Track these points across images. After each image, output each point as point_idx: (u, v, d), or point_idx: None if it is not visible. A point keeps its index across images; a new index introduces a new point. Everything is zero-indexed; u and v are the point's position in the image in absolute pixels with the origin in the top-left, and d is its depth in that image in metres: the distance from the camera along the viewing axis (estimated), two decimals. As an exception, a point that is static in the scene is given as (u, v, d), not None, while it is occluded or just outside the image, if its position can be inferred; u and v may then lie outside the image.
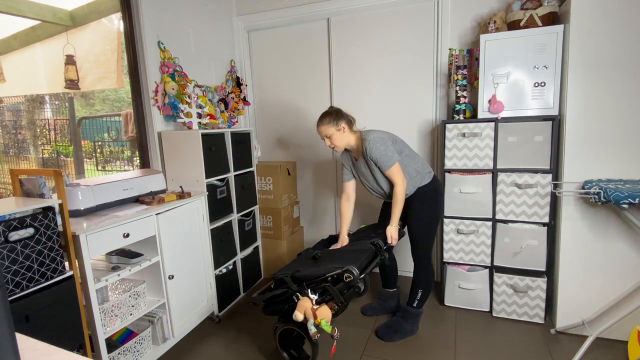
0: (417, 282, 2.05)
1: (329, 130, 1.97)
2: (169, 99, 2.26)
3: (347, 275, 1.59)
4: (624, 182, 1.77)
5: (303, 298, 1.62)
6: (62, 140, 2.18)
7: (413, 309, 2.06)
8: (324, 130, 1.99)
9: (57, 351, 0.69)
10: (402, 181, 1.91)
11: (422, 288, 2.04)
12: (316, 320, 1.54)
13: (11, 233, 1.20)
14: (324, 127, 1.98)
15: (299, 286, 1.68)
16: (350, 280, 1.58)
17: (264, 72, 3.10)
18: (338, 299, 1.62)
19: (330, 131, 1.97)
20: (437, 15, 2.48)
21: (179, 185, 2.26)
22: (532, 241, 2.09)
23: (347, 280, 1.59)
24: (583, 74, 1.85)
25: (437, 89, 2.56)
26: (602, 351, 1.87)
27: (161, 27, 2.28)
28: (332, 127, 1.97)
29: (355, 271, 1.58)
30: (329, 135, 1.98)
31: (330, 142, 2.00)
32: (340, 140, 1.99)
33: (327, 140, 2.01)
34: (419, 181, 2.00)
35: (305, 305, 1.59)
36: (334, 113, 2.00)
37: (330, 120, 1.98)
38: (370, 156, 1.92)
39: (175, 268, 1.97)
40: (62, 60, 2.04)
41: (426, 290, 2.04)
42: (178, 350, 2.03)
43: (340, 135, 1.99)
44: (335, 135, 1.98)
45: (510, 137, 2.08)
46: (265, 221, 2.89)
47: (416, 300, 2.04)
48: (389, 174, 1.91)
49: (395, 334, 2.05)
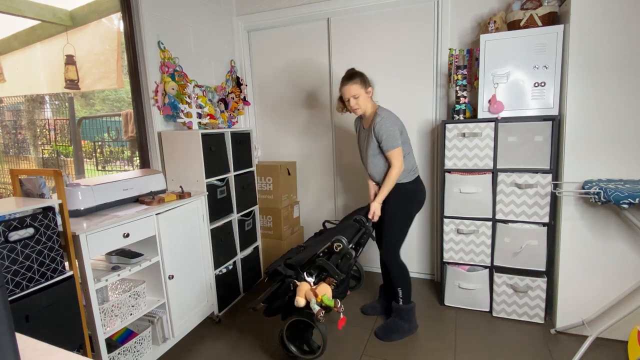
0: (395, 281, 2.05)
1: (360, 91, 1.93)
2: (169, 99, 2.26)
3: (336, 245, 1.60)
4: (624, 182, 1.77)
5: (300, 283, 1.62)
6: (62, 140, 2.18)
7: (402, 306, 2.06)
8: (353, 89, 1.93)
9: (57, 351, 0.69)
10: (400, 165, 1.92)
11: (400, 285, 2.04)
12: (317, 298, 1.53)
13: (11, 233, 1.20)
14: (355, 87, 1.93)
15: (294, 272, 1.68)
16: (341, 248, 1.59)
17: (264, 72, 3.10)
18: (334, 271, 1.62)
19: (360, 92, 1.93)
20: (437, 15, 2.48)
21: (179, 185, 2.26)
22: (532, 241, 2.09)
23: (337, 249, 1.60)
24: (583, 74, 1.85)
25: (437, 89, 2.56)
26: (602, 351, 1.87)
27: (161, 27, 2.28)
28: (362, 88, 1.94)
29: (344, 239, 1.60)
30: (357, 95, 1.93)
31: (355, 103, 1.95)
32: (365, 103, 1.96)
33: (352, 100, 1.95)
34: (404, 177, 2.00)
35: (304, 289, 1.59)
36: (364, 75, 1.96)
37: (361, 81, 1.94)
38: (377, 131, 1.90)
39: (175, 268, 1.97)
40: (62, 60, 2.03)
41: (405, 286, 2.04)
42: (178, 350, 2.03)
43: (366, 99, 1.96)
44: (362, 97, 1.94)
45: (510, 137, 2.08)
46: (265, 221, 2.89)
47: (400, 298, 2.05)
48: (390, 155, 1.91)
49: (394, 333, 2.05)
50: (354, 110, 1.99)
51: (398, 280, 2.04)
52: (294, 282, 1.64)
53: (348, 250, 1.60)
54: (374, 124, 1.91)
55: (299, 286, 1.61)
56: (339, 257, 1.62)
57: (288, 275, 1.68)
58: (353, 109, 1.99)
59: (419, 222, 2.77)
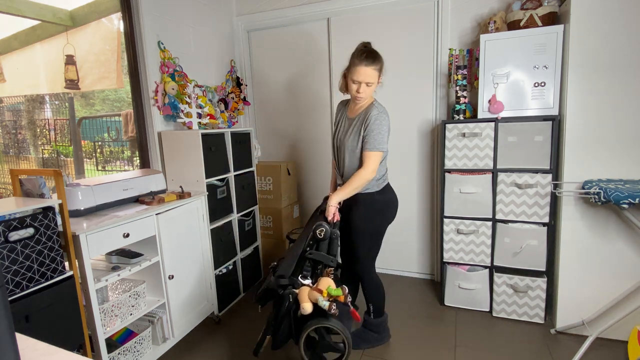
0: (366, 296, 1.93)
1: (375, 78, 1.67)
2: (169, 99, 2.26)
3: (319, 231, 1.51)
4: (624, 182, 1.76)
5: (299, 290, 1.49)
6: (62, 140, 2.18)
7: (372, 320, 1.96)
8: (371, 75, 1.65)
9: (57, 351, 0.69)
10: (373, 170, 1.68)
11: (372, 301, 1.92)
12: (323, 294, 1.44)
13: (11, 233, 1.20)
14: (374, 72, 1.65)
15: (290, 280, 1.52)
16: (325, 231, 1.51)
17: (264, 72, 3.09)
18: (327, 259, 1.53)
19: (375, 80, 1.68)
20: (437, 15, 2.48)
21: (179, 185, 2.26)
22: (532, 241, 2.09)
23: (322, 235, 1.51)
24: (583, 74, 1.85)
25: (437, 89, 2.56)
26: (602, 351, 1.87)
27: (161, 27, 2.28)
28: (377, 77, 1.68)
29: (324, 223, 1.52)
30: (371, 83, 1.67)
31: (364, 90, 1.69)
32: (371, 92, 1.71)
33: (363, 86, 1.68)
34: (373, 186, 1.78)
35: (305, 293, 1.47)
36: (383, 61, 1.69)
37: (381, 68, 1.68)
38: (370, 126, 1.67)
39: (175, 268, 1.96)
40: (62, 60, 2.03)
41: (377, 301, 1.93)
42: (178, 350, 2.03)
43: (373, 88, 1.70)
44: (374, 86, 1.69)
45: (510, 137, 2.08)
46: (265, 221, 2.89)
47: (372, 313, 1.95)
48: (369, 155, 1.67)
49: (364, 342, 1.98)
50: (358, 96, 1.71)
51: (371, 295, 1.91)
52: (292, 292, 1.49)
53: (332, 231, 1.51)
54: (369, 116, 1.68)
55: (298, 293, 1.48)
56: (325, 243, 1.53)
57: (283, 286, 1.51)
58: (358, 96, 1.70)
59: (419, 222, 2.77)
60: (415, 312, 2.33)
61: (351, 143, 1.76)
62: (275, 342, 1.57)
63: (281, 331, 1.55)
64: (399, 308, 2.38)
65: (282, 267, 1.56)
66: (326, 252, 1.55)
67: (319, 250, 1.56)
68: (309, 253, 1.55)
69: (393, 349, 1.98)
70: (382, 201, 1.81)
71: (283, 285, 1.51)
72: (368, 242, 1.83)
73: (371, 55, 1.67)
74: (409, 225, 2.80)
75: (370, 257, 1.87)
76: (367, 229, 1.80)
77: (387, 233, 2.28)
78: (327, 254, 1.55)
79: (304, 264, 1.59)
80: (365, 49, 1.70)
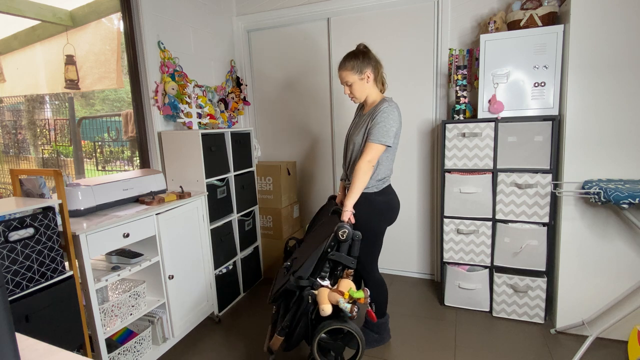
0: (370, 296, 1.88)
1: (351, 77, 1.69)
2: (169, 99, 2.26)
3: (341, 232, 1.48)
4: (624, 182, 1.76)
5: (318, 290, 1.47)
6: (62, 140, 2.17)
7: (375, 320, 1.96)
8: (344, 76, 1.71)
9: (57, 351, 0.69)
10: (368, 161, 1.66)
11: (375, 301, 1.91)
12: (344, 295, 1.41)
13: (11, 233, 1.20)
14: (345, 73, 1.70)
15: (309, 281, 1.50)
16: (347, 233, 1.48)
17: (264, 72, 3.09)
18: (347, 260, 1.50)
19: (352, 79, 1.69)
20: (437, 15, 2.48)
21: (179, 185, 2.26)
22: (532, 241, 2.09)
23: (343, 237, 1.48)
24: (583, 74, 1.85)
25: (437, 89, 2.56)
26: (602, 351, 1.87)
27: (161, 27, 2.28)
28: (355, 75, 1.69)
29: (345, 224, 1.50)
30: (349, 82, 1.70)
31: (348, 91, 1.74)
32: (361, 91, 1.73)
33: (345, 88, 1.75)
34: (372, 186, 1.77)
35: (325, 294, 1.43)
36: (360, 56, 1.69)
37: (353, 66, 1.68)
38: (376, 117, 1.67)
39: (175, 268, 1.96)
40: (62, 60, 2.03)
41: (380, 302, 1.92)
42: (178, 350, 2.03)
43: (361, 86, 1.71)
44: (356, 84, 1.70)
45: (510, 137, 2.08)
46: (265, 221, 2.89)
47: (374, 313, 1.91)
48: (371, 147, 1.66)
49: None
50: (351, 98, 1.80)
51: (374, 295, 1.90)
52: (312, 293, 1.47)
53: (355, 232, 1.49)
54: (379, 109, 1.69)
55: (317, 294, 1.45)
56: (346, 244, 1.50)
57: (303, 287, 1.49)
58: (350, 97, 1.79)
59: (419, 222, 2.77)
60: (415, 312, 2.33)
61: (357, 138, 1.77)
62: (289, 344, 1.56)
63: (297, 333, 1.53)
64: (399, 308, 2.38)
65: (302, 268, 1.53)
66: (347, 253, 1.53)
67: (339, 251, 1.53)
68: (331, 254, 1.53)
69: (393, 349, 1.98)
70: (382, 202, 1.79)
71: (303, 287, 1.50)
72: (368, 243, 1.80)
73: (343, 59, 1.74)
74: (409, 225, 2.80)
75: (371, 257, 1.86)
76: (365, 229, 1.76)
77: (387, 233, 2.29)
78: (347, 254, 1.52)
79: (323, 265, 1.56)
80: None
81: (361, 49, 1.77)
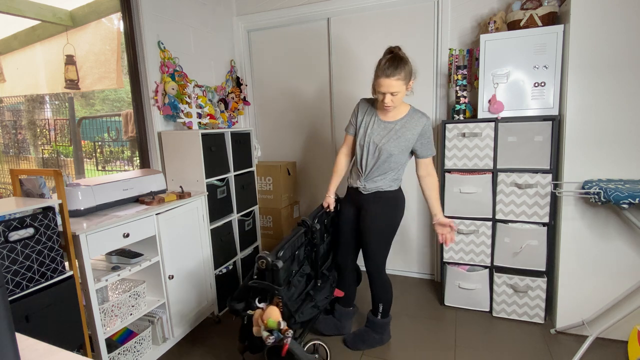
0: (376, 296, 1.94)
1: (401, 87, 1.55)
2: (169, 99, 2.26)
3: (259, 262, 1.49)
4: (624, 182, 1.77)
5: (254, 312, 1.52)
6: (62, 140, 2.17)
7: (378, 320, 1.96)
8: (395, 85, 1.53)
9: (57, 351, 0.69)
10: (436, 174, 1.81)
11: (382, 301, 1.93)
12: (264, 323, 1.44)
13: (11, 233, 1.20)
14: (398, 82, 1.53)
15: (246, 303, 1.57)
16: (266, 263, 1.48)
17: (264, 72, 3.09)
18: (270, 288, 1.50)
19: (402, 89, 1.56)
20: (437, 15, 2.48)
21: (179, 185, 2.26)
22: (532, 241, 2.09)
23: (262, 267, 1.49)
24: (583, 74, 1.85)
25: (437, 89, 2.56)
26: (602, 351, 1.87)
27: (161, 27, 2.28)
28: (405, 85, 1.57)
29: (265, 254, 1.49)
30: (396, 92, 1.55)
31: (391, 101, 1.59)
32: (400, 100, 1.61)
33: (388, 96, 1.58)
34: (393, 185, 1.83)
35: (257, 316, 1.50)
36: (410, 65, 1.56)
37: (406, 75, 1.55)
38: (425, 132, 1.67)
39: (175, 268, 1.96)
40: (62, 60, 2.03)
41: (386, 302, 1.93)
42: (178, 350, 2.03)
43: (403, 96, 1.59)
44: (401, 94, 1.57)
45: (510, 137, 2.08)
46: (265, 221, 2.89)
47: (379, 313, 1.94)
48: (428, 162, 1.77)
49: (362, 343, 1.97)
50: (386, 106, 1.63)
51: (381, 295, 1.92)
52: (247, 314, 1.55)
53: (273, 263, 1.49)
54: (420, 123, 1.67)
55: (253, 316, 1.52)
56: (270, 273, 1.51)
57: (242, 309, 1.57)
58: (386, 106, 1.63)
59: (419, 222, 2.77)
60: (415, 312, 2.33)
61: (393, 148, 1.72)
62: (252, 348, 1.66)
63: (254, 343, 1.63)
64: (399, 308, 2.38)
65: (238, 291, 1.62)
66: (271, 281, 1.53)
67: (264, 279, 1.53)
68: (252, 282, 1.54)
69: (393, 349, 1.98)
70: (396, 197, 1.86)
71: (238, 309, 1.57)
72: (384, 239, 1.85)
73: (393, 65, 1.56)
74: (409, 225, 2.80)
75: (383, 254, 1.89)
76: (387, 224, 1.84)
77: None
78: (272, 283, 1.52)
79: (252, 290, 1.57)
80: (388, 57, 1.60)
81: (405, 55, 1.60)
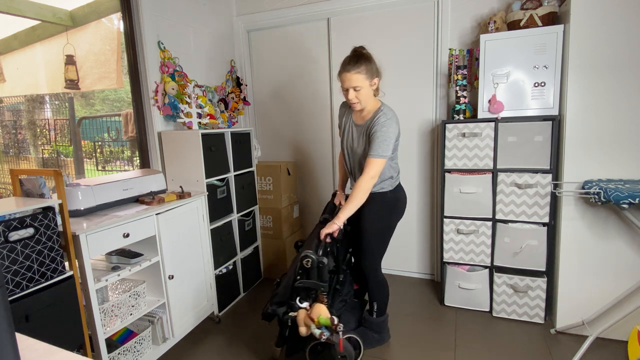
0: (371, 295, 1.94)
1: (362, 81, 1.58)
2: (169, 99, 2.26)
3: (304, 262, 1.52)
4: (624, 182, 1.76)
5: (297, 312, 1.56)
6: (62, 140, 2.17)
7: (374, 319, 1.96)
8: (355, 79, 1.57)
9: (57, 351, 0.69)
10: (372, 177, 1.64)
11: (377, 300, 1.93)
12: (315, 321, 1.49)
13: (11, 233, 1.20)
14: (357, 76, 1.56)
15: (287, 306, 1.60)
16: (311, 261, 1.51)
17: (264, 72, 3.09)
18: (317, 286, 1.54)
19: (364, 84, 1.59)
20: (437, 15, 2.48)
21: (179, 185, 2.26)
22: (532, 241, 2.09)
23: (307, 266, 1.52)
24: (583, 74, 1.85)
25: (437, 89, 2.56)
26: (602, 351, 1.87)
27: (161, 27, 2.28)
28: (367, 80, 1.59)
29: (309, 252, 1.52)
30: (358, 87, 1.59)
31: (354, 96, 1.62)
32: (367, 97, 1.63)
33: (351, 92, 1.61)
34: (387, 186, 1.82)
35: (302, 317, 1.53)
36: (372, 61, 1.60)
37: (367, 70, 1.58)
38: (375, 131, 1.62)
39: (175, 268, 1.96)
40: (62, 60, 2.03)
41: (381, 300, 1.94)
42: (178, 350, 2.03)
43: (369, 93, 1.61)
44: (365, 90, 1.60)
45: (510, 137, 2.08)
46: (265, 221, 2.89)
47: (374, 312, 1.95)
48: (372, 162, 1.63)
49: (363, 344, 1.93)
50: (352, 103, 1.67)
51: (376, 294, 1.92)
52: (290, 317, 1.57)
53: (319, 259, 1.52)
54: (376, 122, 1.65)
55: (297, 316, 1.55)
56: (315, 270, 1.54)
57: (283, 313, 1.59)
58: (351, 102, 1.66)
59: (419, 222, 2.77)
60: (415, 312, 2.33)
61: (359, 149, 1.78)
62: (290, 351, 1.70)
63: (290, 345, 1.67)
64: (399, 308, 2.38)
65: (280, 294, 1.64)
66: (316, 278, 1.55)
67: (309, 277, 1.56)
68: (299, 282, 1.56)
69: (393, 349, 1.98)
70: (392, 198, 1.84)
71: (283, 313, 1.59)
72: (378, 239, 1.85)
73: (352, 60, 1.61)
74: (409, 225, 2.80)
75: (378, 254, 1.89)
76: (379, 226, 1.83)
77: (387, 233, 2.20)
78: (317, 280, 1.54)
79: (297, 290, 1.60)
80: (349, 55, 1.65)
81: (367, 53, 1.66)
